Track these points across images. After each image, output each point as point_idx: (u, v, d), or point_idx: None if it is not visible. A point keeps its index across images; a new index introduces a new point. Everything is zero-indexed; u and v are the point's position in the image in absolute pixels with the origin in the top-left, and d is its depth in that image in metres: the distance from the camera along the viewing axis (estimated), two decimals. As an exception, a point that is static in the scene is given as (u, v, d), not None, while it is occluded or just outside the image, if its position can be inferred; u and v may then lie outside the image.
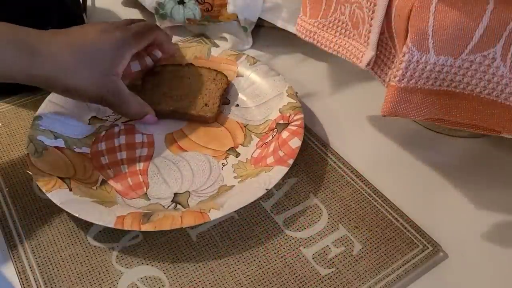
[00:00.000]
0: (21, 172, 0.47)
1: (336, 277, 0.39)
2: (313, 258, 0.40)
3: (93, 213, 0.39)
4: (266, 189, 0.41)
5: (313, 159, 0.48)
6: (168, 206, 0.43)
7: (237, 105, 0.53)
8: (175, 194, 0.44)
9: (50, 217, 0.43)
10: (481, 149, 0.50)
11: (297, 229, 0.42)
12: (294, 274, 0.39)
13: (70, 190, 0.42)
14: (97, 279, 0.39)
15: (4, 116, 0.53)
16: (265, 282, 0.39)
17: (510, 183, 0.46)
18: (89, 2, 0.71)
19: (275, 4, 0.61)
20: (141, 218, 0.39)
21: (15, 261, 0.40)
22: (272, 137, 0.48)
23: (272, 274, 0.39)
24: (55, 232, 0.42)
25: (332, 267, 0.39)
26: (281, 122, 0.49)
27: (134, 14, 0.70)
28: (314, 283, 0.38)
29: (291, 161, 0.44)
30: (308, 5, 0.49)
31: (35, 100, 0.55)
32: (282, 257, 0.40)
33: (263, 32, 0.66)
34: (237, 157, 0.48)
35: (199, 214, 0.39)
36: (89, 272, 0.39)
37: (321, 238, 0.42)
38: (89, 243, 0.41)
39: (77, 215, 0.39)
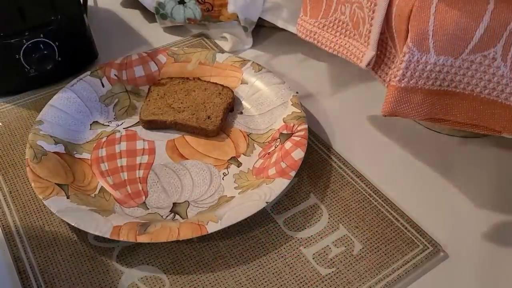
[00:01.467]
0: (21, 172, 0.47)
1: (337, 277, 0.39)
2: (313, 258, 0.40)
3: (90, 222, 0.39)
4: (266, 202, 0.41)
5: (313, 159, 0.48)
6: (167, 216, 0.43)
7: (241, 112, 0.53)
8: (174, 204, 0.44)
9: (50, 217, 0.43)
10: (481, 149, 0.50)
11: (297, 229, 0.42)
12: (294, 274, 0.39)
13: (68, 197, 0.42)
14: (97, 279, 0.39)
15: (4, 116, 0.53)
16: (265, 282, 0.39)
17: (510, 183, 0.46)
18: (90, 2, 0.71)
19: (276, 4, 0.61)
20: (137, 228, 0.39)
21: (16, 261, 0.40)
22: (275, 147, 0.47)
23: (272, 274, 0.39)
24: (55, 231, 0.42)
25: (333, 267, 0.39)
26: (285, 132, 0.48)
27: (134, 14, 0.70)
28: (314, 283, 0.38)
29: (293, 173, 0.43)
30: (309, 5, 0.49)
31: (35, 100, 0.55)
32: (282, 257, 0.40)
33: (263, 32, 0.66)
34: (238, 166, 0.47)
35: (197, 226, 0.39)
36: (89, 272, 0.39)
37: (321, 238, 0.42)
38: (89, 242, 0.41)
39: (73, 224, 0.39)
